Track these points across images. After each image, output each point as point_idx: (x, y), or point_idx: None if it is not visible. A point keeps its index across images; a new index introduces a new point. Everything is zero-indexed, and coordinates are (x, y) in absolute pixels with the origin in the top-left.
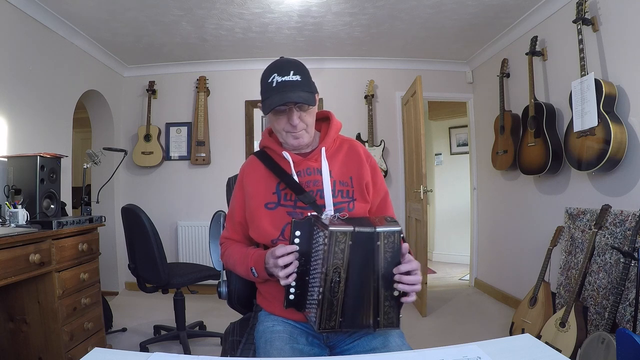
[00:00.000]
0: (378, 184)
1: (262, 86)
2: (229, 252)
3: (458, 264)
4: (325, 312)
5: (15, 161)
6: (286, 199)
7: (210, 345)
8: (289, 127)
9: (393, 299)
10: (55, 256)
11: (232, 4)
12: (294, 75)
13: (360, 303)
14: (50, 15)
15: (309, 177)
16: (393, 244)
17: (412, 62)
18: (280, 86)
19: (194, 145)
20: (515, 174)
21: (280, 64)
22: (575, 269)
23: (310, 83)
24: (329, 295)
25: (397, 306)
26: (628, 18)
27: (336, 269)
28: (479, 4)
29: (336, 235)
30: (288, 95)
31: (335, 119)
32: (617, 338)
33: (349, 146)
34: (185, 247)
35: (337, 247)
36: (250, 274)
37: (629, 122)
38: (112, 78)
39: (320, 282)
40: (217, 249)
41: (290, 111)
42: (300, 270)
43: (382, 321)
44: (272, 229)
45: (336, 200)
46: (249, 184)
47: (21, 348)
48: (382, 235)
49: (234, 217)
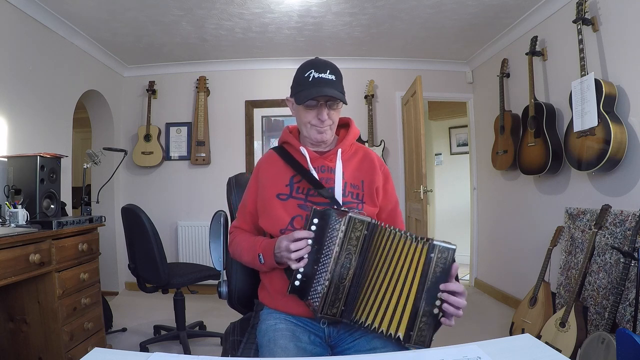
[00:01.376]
0: (389, 191)
1: (296, 79)
2: (236, 240)
3: (458, 264)
4: (330, 297)
5: (15, 161)
6: (298, 192)
7: (210, 345)
8: (316, 121)
9: (431, 316)
10: (55, 256)
11: (232, 4)
12: (330, 74)
13: (370, 298)
14: (50, 15)
15: (322, 174)
16: (445, 260)
17: (412, 62)
18: (316, 81)
19: (194, 145)
20: (515, 174)
21: (317, 62)
22: (575, 269)
23: (342, 85)
24: (337, 280)
25: (434, 325)
26: (628, 18)
27: (348, 255)
28: (479, 4)
29: (354, 222)
30: (324, 90)
31: (355, 126)
32: (617, 338)
33: (364, 153)
34: (185, 247)
35: (353, 234)
36: (257, 260)
37: (629, 122)
38: (112, 78)
39: (330, 266)
40: (217, 248)
41: (321, 106)
42: (310, 258)
43: (414, 337)
44: (282, 219)
45: (346, 200)
46: (264, 175)
47: (21, 348)
48: (438, 249)
49: (245, 207)
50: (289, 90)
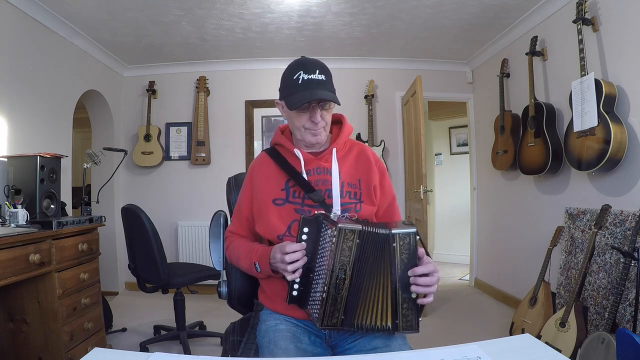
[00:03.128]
0: (386, 187)
1: (285, 82)
2: (233, 246)
3: (458, 264)
4: (328, 309)
5: (15, 161)
6: (294, 196)
7: (210, 345)
8: (309, 124)
9: (411, 301)
10: (55, 256)
11: (232, 4)
12: (319, 74)
13: (366, 303)
14: (50, 15)
15: (319, 176)
16: (409, 245)
17: (412, 62)
18: (306, 83)
19: (194, 145)
20: (515, 174)
21: (305, 62)
22: (575, 269)
23: (333, 83)
24: (334, 291)
25: (416, 309)
26: (628, 18)
27: (342, 266)
28: (479, 4)
29: (345, 233)
30: (317, 93)
31: (348, 123)
32: (617, 338)
33: (358, 150)
34: (185, 247)
35: (345, 245)
36: (253, 268)
37: (629, 122)
38: (112, 78)
39: (325, 279)
40: (217, 248)
41: (313, 109)
42: (305, 266)
43: (401, 324)
44: (279, 225)
45: (343, 201)
46: (258, 179)
47: (21, 348)
48: (398, 236)
49: (240, 212)
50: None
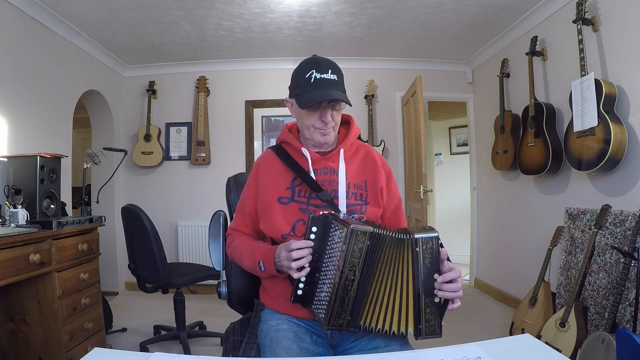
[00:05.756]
0: (393, 190)
1: (296, 80)
2: (235, 243)
3: (458, 264)
4: (335, 309)
5: (15, 161)
6: (300, 195)
7: (210, 345)
8: (319, 123)
9: (434, 305)
10: (55, 256)
11: (232, 4)
12: (332, 74)
13: (376, 306)
14: (50, 15)
15: (325, 176)
16: (432, 250)
17: (412, 62)
18: (318, 82)
19: (194, 145)
20: (515, 174)
21: (317, 61)
22: (575, 269)
23: (344, 84)
24: (342, 292)
25: (439, 313)
26: (628, 18)
27: (352, 267)
28: (479, 4)
29: (356, 234)
30: (329, 93)
31: (356, 124)
32: (617, 338)
33: (365, 151)
34: (185, 247)
35: (356, 246)
36: (257, 267)
37: (629, 122)
38: (112, 78)
39: (334, 280)
40: (216, 248)
41: (324, 108)
42: (311, 266)
43: (424, 329)
44: (283, 224)
45: (349, 202)
46: (263, 176)
47: (21, 348)
48: (421, 241)
49: (244, 208)
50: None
